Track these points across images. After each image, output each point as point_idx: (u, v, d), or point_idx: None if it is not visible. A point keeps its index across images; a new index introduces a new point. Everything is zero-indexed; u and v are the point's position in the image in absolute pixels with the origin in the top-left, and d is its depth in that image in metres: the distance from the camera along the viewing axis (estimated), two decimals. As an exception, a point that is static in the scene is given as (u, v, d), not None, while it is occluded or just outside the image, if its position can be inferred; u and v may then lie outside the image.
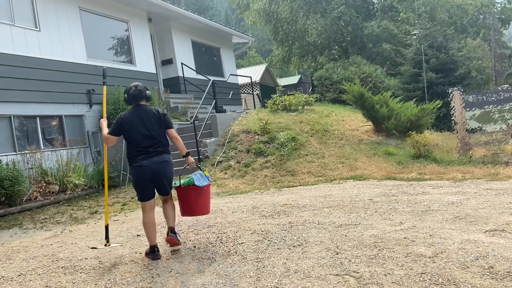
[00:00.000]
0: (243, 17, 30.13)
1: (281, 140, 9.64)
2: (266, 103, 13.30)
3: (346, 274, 3.10)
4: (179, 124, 11.19)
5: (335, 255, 3.51)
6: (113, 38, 11.52)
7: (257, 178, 8.33)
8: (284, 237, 4.18)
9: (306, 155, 9.10)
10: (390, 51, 23.75)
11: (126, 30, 11.83)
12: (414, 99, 14.40)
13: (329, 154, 9.17)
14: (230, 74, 16.23)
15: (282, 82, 39.80)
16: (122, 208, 7.04)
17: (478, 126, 9.39)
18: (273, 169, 8.64)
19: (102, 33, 11.11)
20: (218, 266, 3.58)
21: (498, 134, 8.94)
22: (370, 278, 2.98)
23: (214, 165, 9.15)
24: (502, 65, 33.59)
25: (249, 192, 7.29)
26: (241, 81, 22.04)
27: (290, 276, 3.18)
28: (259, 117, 10.78)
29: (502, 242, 3.47)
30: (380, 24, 24.56)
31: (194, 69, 14.26)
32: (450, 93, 9.49)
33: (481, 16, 32.33)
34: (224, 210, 5.74)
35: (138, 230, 5.15)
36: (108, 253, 4.29)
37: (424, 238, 3.74)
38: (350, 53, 24.99)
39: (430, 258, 3.25)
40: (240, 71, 25.45)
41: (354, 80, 13.78)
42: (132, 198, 7.85)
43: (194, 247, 4.16)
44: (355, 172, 8.11)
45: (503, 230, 3.77)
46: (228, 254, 3.85)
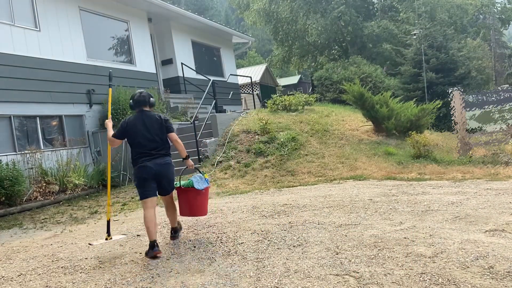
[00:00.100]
0: (243, 17, 30.16)
1: (281, 140, 9.64)
2: (266, 103, 13.30)
3: (346, 274, 3.10)
4: (179, 124, 11.18)
5: (335, 255, 3.51)
6: (113, 38, 11.52)
7: (257, 178, 8.33)
8: (284, 237, 4.18)
9: (306, 155, 9.10)
10: (390, 51, 23.77)
11: (126, 30, 11.83)
12: (414, 99, 14.41)
13: (329, 154, 9.17)
14: (230, 74, 16.23)
15: (282, 82, 39.82)
16: (122, 208, 7.04)
17: (478, 126, 9.40)
18: (273, 169, 8.64)
19: (102, 33, 11.11)
20: (218, 266, 3.58)
21: (498, 134, 8.94)
22: (370, 278, 2.99)
23: (214, 165, 9.15)
24: (502, 65, 33.60)
25: (249, 192, 7.29)
26: (241, 81, 22.03)
27: (290, 276, 3.18)
28: (259, 117, 10.78)
29: (502, 242, 3.47)
30: (380, 24, 24.57)
31: (194, 69, 14.26)
32: (450, 93, 9.50)
33: (481, 16, 32.35)
34: (224, 210, 5.74)
35: (138, 230, 5.16)
36: (108, 253, 4.29)
37: (424, 238, 3.74)
38: (350, 53, 25.00)
39: (430, 258, 3.25)
40: (240, 71, 25.44)
41: (354, 80, 13.78)
42: (132, 198, 7.85)
43: (194, 247, 4.16)
44: (355, 172, 8.11)
45: (503, 230, 3.78)
46: (228, 254, 3.85)
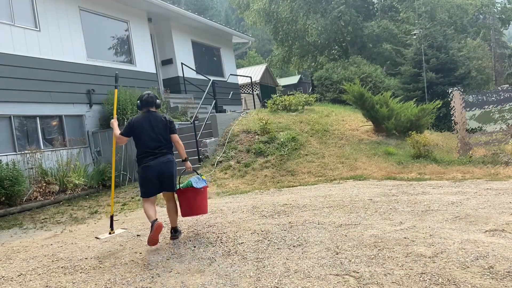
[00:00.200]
0: (243, 17, 30.16)
1: (281, 140, 9.64)
2: (266, 103, 13.30)
3: (346, 274, 3.10)
4: (179, 124, 11.17)
5: (335, 255, 3.51)
6: (113, 38, 11.52)
7: (257, 178, 8.33)
8: (284, 237, 4.18)
9: (306, 155, 9.10)
10: (390, 51, 23.77)
11: (126, 30, 11.83)
12: (414, 99, 14.41)
13: (329, 154, 9.17)
14: (230, 74, 16.23)
15: (282, 82, 39.82)
16: (122, 208, 7.04)
17: (478, 126, 9.39)
18: (273, 169, 8.63)
19: (102, 33, 11.12)
20: (218, 266, 3.58)
21: (498, 134, 8.94)
22: (370, 278, 2.99)
23: (214, 165, 9.15)
24: (502, 65, 33.61)
25: (249, 192, 7.29)
26: (241, 81, 22.03)
27: (290, 276, 3.18)
28: (259, 117, 10.77)
29: (502, 242, 3.47)
30: (380, 24, 24.57)
31: (194, 69, 14.26)
32: (450, 93, 9.49)
33: (481, 16, 32.37)
34: (224, 210, 5.74)
35: (138, 230, 5.16)
36: (108, 253, 4.29)
37: (424, 238, 3.74)
38: (350, 53, 25.00)
39: (430, 258, 3.25)
40: (240, 71, 25.44)
41: (354, 80, 13.78)
42: (132, 198, 7.85)
43: (194, 247, 4.16)
44: (355, 172, 8.11)
45: (503, 230, 3.78)
46: (228, 254, 3.85)
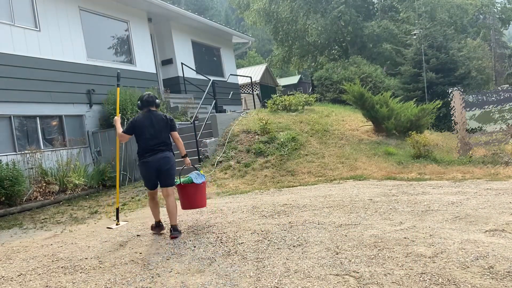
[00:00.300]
0: (243, 17, 30.16)
1: (281, 140, 9.64)
2: (266, 103, 13.30)
3: (346, 274, 3.10)
4: (179, 124, 11.17)
5: (335, 255, 3.51)
6: (113, 38, 11.52)
7: (257, 178, 8.33)
8: (284, 237, 4.18)
9: (306, 155, 9.10)
10: (391, 51, 23.77)
11: (126, 30, 11.83)
12: (414, 99, 14.40)
13: (329, 154, 9.17)
14: (230, 74, 16.23)
15: (282, 82, 39.82)
16: (122, 208, 7.03)
17: (478, 126, 9.39)
18: (273, 169, 8.63)
19: (102, 33, 11.11)
20: (218, 266, 3.58)
21: (498, 134, 8.93)
22: (370, 278, 2.99)
23: (214, 165, 9.15)
24: (502, 65, 33.62)
25: (249, 192, 7.29)
26: (241, 81, 22.03)
27: (290, 276, 3.18)
28: (259, 117, 10.77)
29: (502, 242, 3.47)
30: (380, 24, 24.57)
31: (194, 69, 14.26)
32: (450, 93, 9.49)
33: (481, 16, 32.38)
34: (224, 210, 5.74)
35: (138, 230, 5.16)
36: (108, 253, 4.29)
37: (424, 238, 3.74)
38: (350, 53, 25.00)
39: (430, 258, 3.25)
40: (240, 71, 25.44)
41: (354, 80, 13.78)
42: (132, 198, 7.85)
43: (194, 247, 4.16)
44: (355, 172, 8.11)
45: (503, 230, 3.77)
46: (228, 254, 3.85)
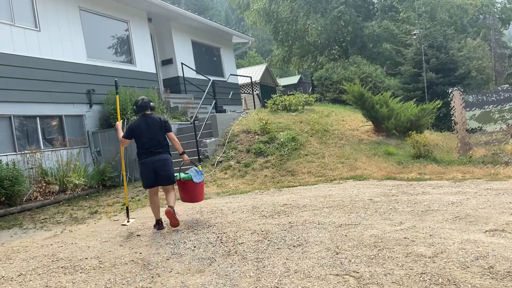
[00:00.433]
0: (243, 17, 30.15)
1: (281, 140, 9.64)
2: (266, 103, 13.30)
3: (346, 274, 3.10)
4: (179, 124, 11.18)
5: (335, 255, 3.51)
6: (113, 38, 11.52)
7: (257, 178, 8.33)
8: (284, 237, 4.18)
9: (306, 155, 9.10)
10: (391, 51, 23.76)
11: (126, 30, 11.83)
12: (414, 99, 14.40)
13: (329, 154, 9.17)
14: (230, 74, 16.23)
15: (282, 82, 39.82)
16: (122, 208, 7.03)
17: (478, 126, 9.39)
18: (273, 169, 8.63)
19: (102, 33, 11.11)
20: (218, 266, 3.58)
21: (498, 134, 8.93)
22: (370, 278, 2.99)
23: (214, 165, 9.15)
24: (502, 65, 33.62)
25: (249, 192, 7.29)
26: (241, 81, 22.02)
27: (290, 276, 3.18)
28: (259, 117, 10.77)
29: (502, 242, 3.47)
30: (380, 24, 24.57)
31: (194, 69, 14.26)
32: (450, 93, 9.49)
33: (481, 16, 32.38)
34: (224, 210, 5.74)
35: (138, 230, 5.16)
36: (108, 253, 4.29)
37: (424, 238, 3.74)
38: (350, 53, 25.00)
39: (430, 258, 3.25)
40: (240, 71, 25.44)
41: (354, 80, 13.78)
42: (132, 198, 7.86)
43: (194, 247, 4.16)
44: (355, 172, 8.11)
45: (503, 230, 3.78)
46: (228, 254, 3.85)
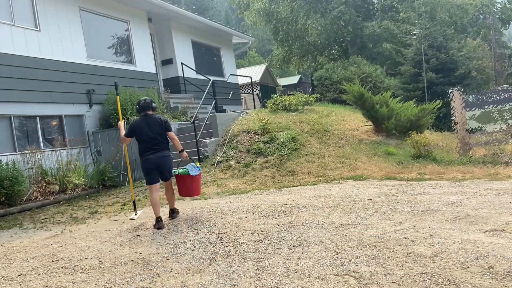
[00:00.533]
0: (243, 17, 30.15)
1: (281, 140, 9.64)
2: (266, 103, 13.30)
3: (346, 274, 3.10)
4: (179, 124, 11.18)
5: (335, 255, 3.51)
6: (113, 38, 11.52)
7: (257, 178, 8.33)
8: (284, 237, 4.18)
9: (306, 155, 9.10)
10: (391, 51, 23.76)
11: (126, 30, 11.83)
12: (414, 99, 14.40)
13: (329, 154, 9.17)
14: (230, 74, 16.23)
15: (282, 82, 39.82)
16: (122, 208, 7.04)
17: (478, 126, 9.39)
18: (273, 169, 8.63)
19: (102, 33, 11.11)
20: (218, 266, 3.58)
21: (498, 134, 8.93)
22: (370, 278, 2.99)
23: (214, 165, 9.15)
24: (502, 65, 33.62)
25: (249, 192, 7.29)
26: (241, 81, 22.03)
27: (290, 276, 3.18)
28: (259, 117, 10.77)
29: (502, 242, 3.47)
30: (381, 24, 24.57)
31: (194, 69, 14.26)
32: (450, 93, 9.49)
33: (481, 16, 32.38)
34: (224, 210, 5.75)
35: (138, 230, 5.16)
36: (108, 253, 4.29)
37: (424, 238, 3.74)
38: (350, 53, 25.00)
39: (430, 258, 3.25)
40: (240, 71, 25.43)
41: (354, 80, 13.78)
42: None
43: (194, 247, 4.16)
44: (355, 172, 8.11)
45: (503, 230, 3.78)
46: (228, 254, 3.85)
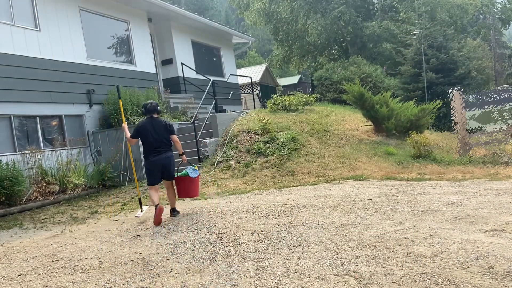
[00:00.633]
0: (243, 17, 30.14)
1: (281, 140, 9.64)
2: (266, 103, 13.30)
3: (346, 274, 3.10)
4: (179, 124, 11.18)
5: (335, 255, 3.51)
6: (113, 38, 11.51)
7: (257, 178, 8.33)
8: (284, 237, 4.18)
9: (306, 155, 9.10)
10: (391, 51, 23.76)
11: (126, 30, 11.82)
12: (414, 99, 14.40)
13: (329, 154, 9.17)
14: (230, 74, 16.23)
15: (282, 82, 39.82)
16: (122, 208, 7.04)
17: (478, 126, 9.39)
18: (273, 169, 8.63)
19: (102, 33, 11.11)
20: (218, 266, 3.58)
21: (498, 134, 8.93)
22: (370, 278, 2.99)
23: (214, 165, 9.15)
24: (502, 65, 33.62)
25: (249, 192, 7.29)
26: (241, 81, 22.03)
27: (290, 276, 3.18)
28: (259, 117, 10.77)
29: (502, 242, 3.47)
30: (381, 24, 24.57)
31: (194, 69, 14.26)
32: (450, 93, 9.49)
33: (481, 16, 32.39)
34: (224, 210, 5.75)
35: (138, 230, 5.16)
36: (108, 253, 4.29)
37: (424, 238, 3.74)
38: (350, 53, 25.00)
39: (430, 258, 3.25)
40: (240, 71, 25.44)
41: (354, 80, 13.78)
42: (132, 198, 7.85)
43: (194, 247, 4.16)
44: (355, 172, 8.11)
45: (503, 230, 3.78)
46: (228, 254, 3.85)
